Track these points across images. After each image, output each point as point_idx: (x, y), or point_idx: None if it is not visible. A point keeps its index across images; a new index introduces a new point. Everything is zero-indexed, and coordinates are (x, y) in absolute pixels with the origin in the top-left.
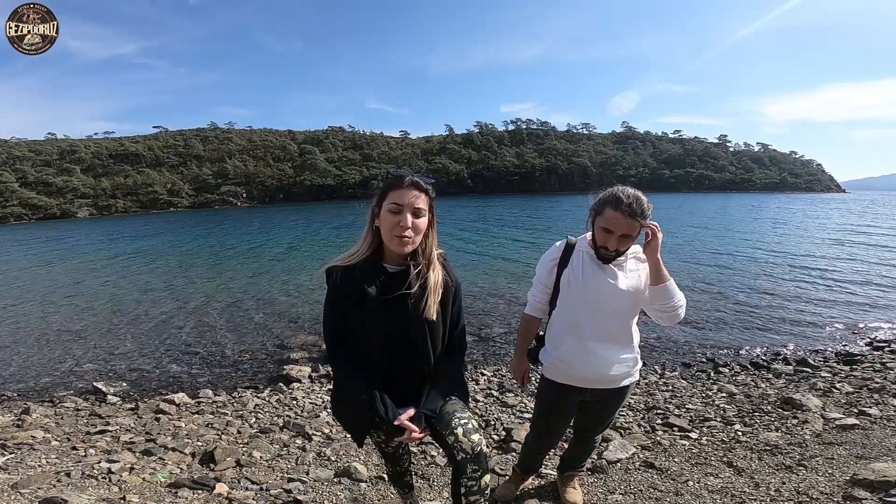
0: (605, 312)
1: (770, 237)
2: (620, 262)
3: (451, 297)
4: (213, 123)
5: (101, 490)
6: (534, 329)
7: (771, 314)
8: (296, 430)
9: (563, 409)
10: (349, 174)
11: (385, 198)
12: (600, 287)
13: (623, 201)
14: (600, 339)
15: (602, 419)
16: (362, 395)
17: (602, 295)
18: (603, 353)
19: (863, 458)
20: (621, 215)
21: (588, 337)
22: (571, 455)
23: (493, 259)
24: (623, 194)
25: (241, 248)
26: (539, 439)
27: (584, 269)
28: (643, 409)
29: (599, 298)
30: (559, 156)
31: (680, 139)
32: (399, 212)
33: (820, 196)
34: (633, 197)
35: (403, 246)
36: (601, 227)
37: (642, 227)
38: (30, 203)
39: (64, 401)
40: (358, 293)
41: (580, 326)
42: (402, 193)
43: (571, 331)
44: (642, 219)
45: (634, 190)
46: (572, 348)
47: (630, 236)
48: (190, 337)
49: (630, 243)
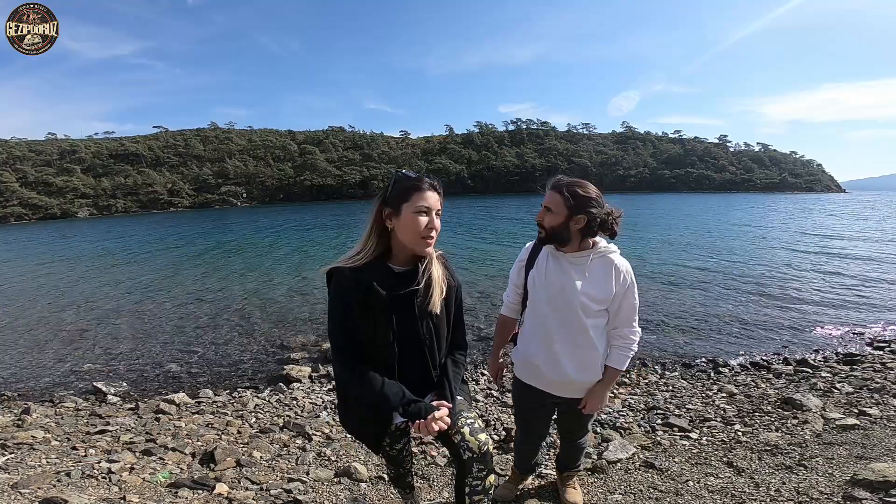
0: (567, 313)
1: (770, 237)
2: (583, 262)
3: (453, 296)
4: (213, 123)
5: (101, 490)
6: (509, 328)
7: (771, 314)
8: (296, 430)
9: (534, 408)
10: (349, 174)
11: (407, 200)
12: (563, 287)
13: (554, 179)
14: (563, 342)
15: (579, 423)
16: (393, 389)
17: (563, 294)
18: (564, 356)
19: (863, 459)
20: (551, 187)
21: (552, 338)
22: (563, 455)
23: (493, 259)
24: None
25: (241, 248)
26: (522, 435)
27: (547, 269)
28: (643, 409)
29: (560, 298)
30: (559, 156)
31: (680, 139)
32: (427, 213)
33: (820, 196)
34: (563, 178)
35: (427, 247)
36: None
37: (563, 201)
38: (30, 203)
39: (64, 401)
40: (367, 295)
41: (546, 327)
42: (426, 196)
43: (538, 331)
44: (563, 191)
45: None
46: (537, 349)
47: (549, 209)
48: (190, 337)
49: (552, 217)
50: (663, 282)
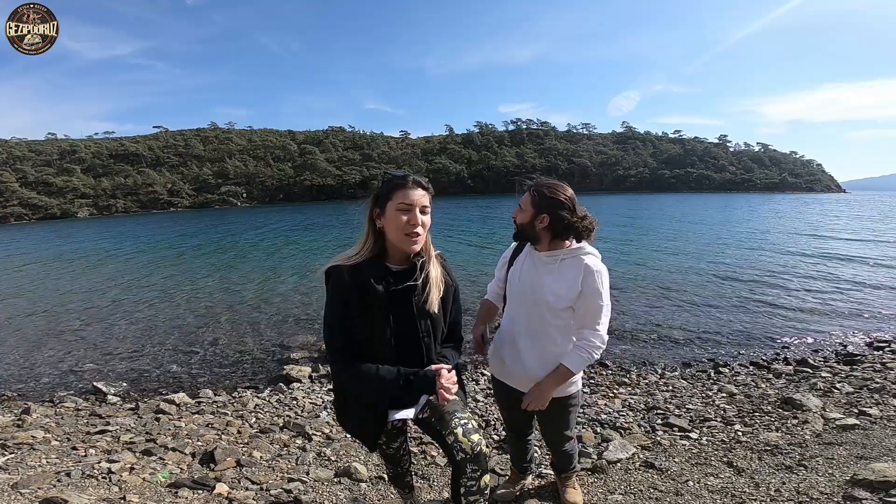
0: (534, 309)
1: (770, 237)
2: (554, 261)
3: (450, 296)
4: (213, 123)
5: (102, 490)
6: (490, 309)
7: (771, 314)
8: (296, 430)
9: (508, 405)
10: (349, 174)
11: (391, 198)
12: (532, 284)
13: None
14: (527, 338)
15: (552, 428)
16: (389, 370)
17: (532, 291)
18: (526, 351)
19: (863, 459)
20: (527, 187)
21: (519, 334)
22: (555, 460)
23: (493, 259)
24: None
25: (241, 248)
26: (507, 432)
27: (522, 267)
28: (643, 409)
29: (529, 294)
30: (559, 156)
31: (680, 139)
32: (409, 210)
33: (820, 196)
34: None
35: (414, 244)
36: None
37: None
38: (30, 203)
39: (64, 401)
40: (366, 292)
41: (514, 322)
42: (408, 193)
43: (508, 327)
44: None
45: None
46: (506, 344)
47: (520, 207)
48: (190, 337)
49: (521, 215)
50: (663, 282)
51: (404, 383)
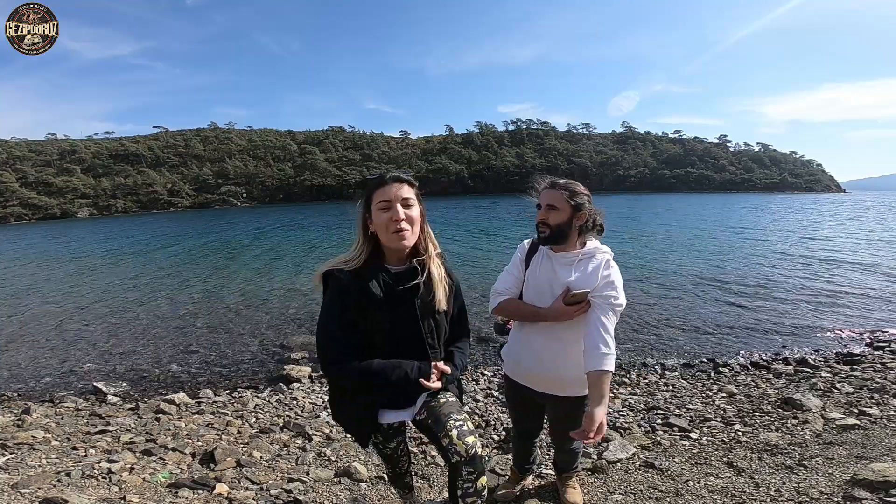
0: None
1: (770, 237)
2: (573, 259)
3: (452, 294)
4: (213, 123)
5: (102, 490)
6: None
7: (771, 314)
8: (296, 430)
9: (519, 405)
10: (349, 174)
11: (372, 200)
12: (551, 282)
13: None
14: (545, 335)
15: (563, 427)
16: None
17: (550, 289)
18: (545, 349)
19: (863, 458)
20: (549, 187)
21: (535, 331)
22: (558, 458)
23: (493, 259)
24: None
25: (241, 248)
26: (514, 433)
27: (540, 267)
28: (643, 409)
29: (547, 292)
30: (559, 156)
31: (680, 139)
32: (389, 206)
33: (819, 196)
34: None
35: (402, 240)
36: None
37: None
38: (30, 203)
39: (64, 401)
40: (366, 295)
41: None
42: (385, 190)
43: (523, 326)
44: (563, 189)
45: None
46: (521, 343)
47: (554, 207)
48: (190, 337)
49: (556, 215)
50: (663, 282)
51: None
